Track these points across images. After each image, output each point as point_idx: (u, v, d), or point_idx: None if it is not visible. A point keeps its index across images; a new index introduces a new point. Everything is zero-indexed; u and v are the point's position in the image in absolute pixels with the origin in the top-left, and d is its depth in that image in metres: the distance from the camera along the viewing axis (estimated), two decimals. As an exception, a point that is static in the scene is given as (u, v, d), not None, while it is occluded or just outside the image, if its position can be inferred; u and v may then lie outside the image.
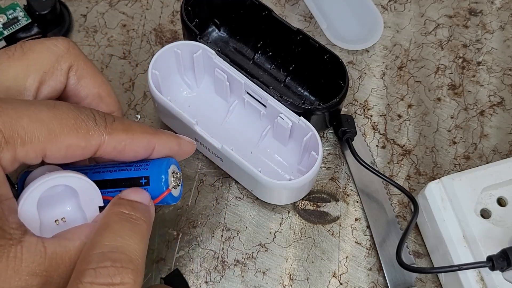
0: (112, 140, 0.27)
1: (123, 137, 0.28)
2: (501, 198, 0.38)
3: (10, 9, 0.44)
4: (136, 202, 0.28)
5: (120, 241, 0.26)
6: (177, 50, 0.40)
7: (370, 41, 0.46)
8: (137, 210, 0.28)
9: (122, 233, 0.26)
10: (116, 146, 0.28)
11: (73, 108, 0.27)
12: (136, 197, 0.28)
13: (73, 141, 0.26)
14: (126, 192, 0.28)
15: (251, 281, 0.38)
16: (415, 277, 0.38)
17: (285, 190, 0.37)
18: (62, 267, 0.25)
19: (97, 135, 0.27)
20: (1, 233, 0.23)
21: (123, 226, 0.27)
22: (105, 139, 0.27)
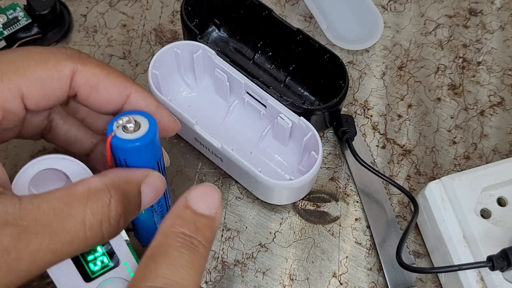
0: (86, 71, 0.27)
1: (97, 71, 0.27)
2: (501, 198, 0.38)
3: (10, 9, 0.44)
4: (202, 217, 0.26)
5: (176, 276, 0.24)
6: (177, 50, 0.40)
7: (370, 41, 0.46)
8: (200, 232, 0.25)
9: (179, 264, 0.24)
10: (90, 79, 0.27)
11: (39, 47, 0.27)
12: (204, 207, 0.26)
13: (44, 73, 0.26)
14: (194, 197, 0.26)
15: (251, 281, 0.38)
16: (415, 277, 0.38)
17: (285, 190, 0.37)
18: (41, 215, 0.23)
19: (69, 64, 0.26)
20: None
21: (181, 256, 0.24)
22: (77, 67, 0.27)
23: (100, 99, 0.28)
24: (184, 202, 0.26)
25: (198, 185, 0.27)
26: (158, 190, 0.28)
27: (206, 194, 0.26)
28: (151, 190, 0.27)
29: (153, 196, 0.28)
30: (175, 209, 0.26)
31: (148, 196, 0.27)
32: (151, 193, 0.27)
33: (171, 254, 0.24)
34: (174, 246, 0.25)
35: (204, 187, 0.27)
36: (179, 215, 0.26)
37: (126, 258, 0.28)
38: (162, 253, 0.24)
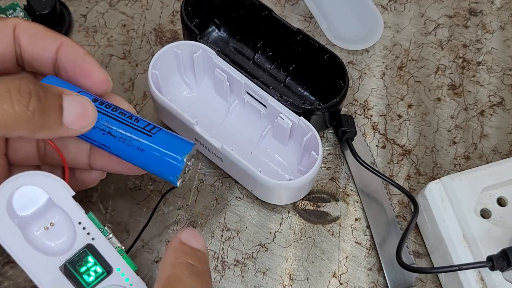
0: (26, 24, 0.32)
1: (35, 24, 0.32)
2: (501, 198, 0.38)
3: (10, 9, 0.44)
4: (199, 251, 0.28)
5: None
6: (177, 50, 0.40)
7: (370, 41, 0.46)
8: (202, 262, 0.28)
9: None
10: (30, 29, 0.32)
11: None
12: (198, 244, 0.29)
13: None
14: (186, 237, 0.29)
15: (251, 281, 0.38)
16: (415, 277, 0.38)
17: (285, 190, 0.37)
18: None
19: (13, 19, 0.32)
20: None
21: (195, 282, 0.27)
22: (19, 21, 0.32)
23: (38, 47, 0.32)
24: (179, 240, 0.29)
25: (184, 229, 0.29)
26: (82, 112, 0.29)
27: (195, 235, 0.29)
28: (74, 109, 0.29)
29: (77, 116, 0.29)
30: (173, 246, 0.28)
31: (70, 114, 0.28)
32: (75, 112, 0.29)
33: (187, 281, 0.27)
34: (185, 274, 0.27)
35: (191, 230, 0.29)
36: (179, 249, 0.28)
37: (119, 265, 0.28)
38: (177, 281, 0.27)
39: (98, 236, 0.28)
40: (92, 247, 0.28)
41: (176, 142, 0.31)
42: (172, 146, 0.30)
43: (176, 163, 0.30)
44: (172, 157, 0.30)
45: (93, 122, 0.29)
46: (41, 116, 0.27)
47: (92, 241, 0.28)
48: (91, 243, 0.28)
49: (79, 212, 0.28)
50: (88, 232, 0.28)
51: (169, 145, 0.30)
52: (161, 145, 0.30)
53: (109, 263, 0.28)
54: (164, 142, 0.30)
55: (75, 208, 0.28)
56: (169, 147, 0.30)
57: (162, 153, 0.30)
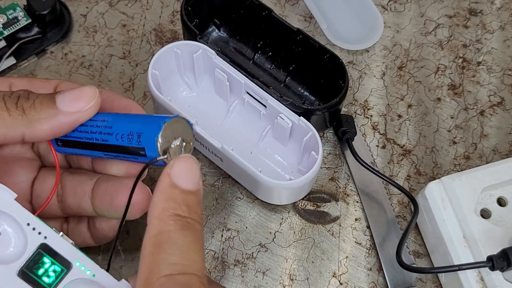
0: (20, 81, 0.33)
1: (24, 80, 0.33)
2: (501, 198, 0.38)
3: (10, 9, 0.44)
4: (190, 194, 0.26)
5: (188, 259, 0.25)
6: (177, 50, 0.40)
7: (370, 41, 0.46)
8: (192, 210, 0.26)
9: (187, 247, 0.25)
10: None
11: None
12: (190, 182, 0.26)
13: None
14: (178, 173, 0.26)
15: (251, 281, 0.38)
16: (415, 277, 0.38)
17: (285, 190, 0.37)
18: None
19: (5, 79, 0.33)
20: None
21: (186, 238, 0.25)
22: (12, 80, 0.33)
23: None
24: (169, 180, 0.26)
25: (178, 159, 0.27)
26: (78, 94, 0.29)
27: (188, 168, 0.27)
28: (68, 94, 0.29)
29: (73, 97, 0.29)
30: (161, 189, 0.26)
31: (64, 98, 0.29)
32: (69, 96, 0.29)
33: (176, 239, 0.25)
34: (175, 230, 0.25)
35: (185, 161, 0.27)
36: (168, 197, 0.26)
37: (77, 258, 0.27)
38: (167, 241, 0.25)
39: (50, 234, 0.27)
40: (46, 246, 0.27)
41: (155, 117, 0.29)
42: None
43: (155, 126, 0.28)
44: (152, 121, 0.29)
45: (92, 98, 0.29)
46: (32, 109, 0.28)
47: (45, 240, 0.27)
48: (45, 242, 0.27)
49: (26, 213, 0.27)
50: (39, 231, 0.27)
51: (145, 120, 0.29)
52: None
53: (67, 259, 0.27)
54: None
55: (20, 210, 0.27)
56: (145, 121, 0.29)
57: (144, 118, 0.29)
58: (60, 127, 0.29)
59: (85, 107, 0.29)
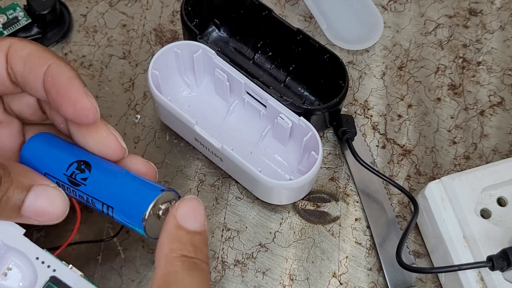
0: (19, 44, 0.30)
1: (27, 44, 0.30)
2: (501, 198, 0.38)
3: (10, 9, 0.44)
4: (196, 235, 0.27)
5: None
6: (177, 50, 0.40)
7: (370, 41, 0.46)
8: (199, 249, 0.27)
9: (192, 286, 0.25)
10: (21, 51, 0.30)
11: None
12: (196, 224, 0.27)
13: None
14: (183, 215, 0.27)
15: (251, 281, 0.38)
16: (415, 277, 0.38)
17: (285, 190, 0.37)
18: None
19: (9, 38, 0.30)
20: None
21: (193, 278, 0.26)
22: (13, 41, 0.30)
23: (26, 69, 0.30)
24: (175, 222, 0.27)
25: (183, 200, 0.27)
26: (45, 209, 0.28)
27: (193, 209, 0.27)
28: (38, 203, 0.28)
29: (38, 212, 0.28)
30: (168, 229, 0.27)
31: (31, 208, 0.27)
32: (37, 207, 0.28)
33: (183, 280, 0.25)
34: (181, 271, 0.26)
35: (190, 202, 0.27)
36: (175, 237, 0.27)
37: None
38: (174, 281, 0.25)
39: (59, 266, 0.28)
40: (56, 279, 0.27)
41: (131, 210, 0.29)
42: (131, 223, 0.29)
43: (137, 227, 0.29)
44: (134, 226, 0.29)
45: (60, 217, 0.28)
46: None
47: (54, 273, 0.27)
48: (54, 275, 0.27)
49: (34, 248, 0.28)
50: (48, 265, 0.28)
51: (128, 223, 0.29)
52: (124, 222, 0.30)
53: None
54: (123, 222, 0.30)
55: (29, 245, 0.28)
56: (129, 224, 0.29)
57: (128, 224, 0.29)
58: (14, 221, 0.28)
59: (51, 222, 0.28)
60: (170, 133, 0.43)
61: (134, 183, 0.29)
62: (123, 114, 0.43)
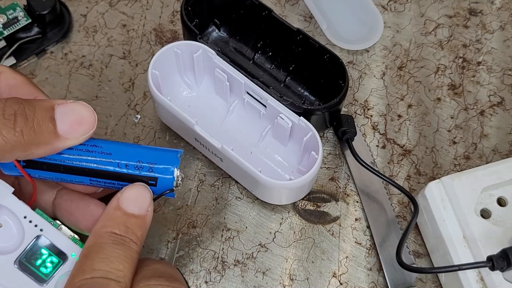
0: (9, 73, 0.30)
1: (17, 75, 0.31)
2: (501, 198, 0.38)
3: (10, 9, 0.44)
4: (132, 217, 0.28)
5: (111, 267, 0.26)
6: (177, 50, 0.40)
7: (370, 41, 0.46)
8: (130, 230, 0.27)
9: (113, 257, 0.26)
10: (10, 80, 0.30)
11: None
12: (135, 208, 0.28)
13: None
14: (125, 199, 0.28)
15: (251, 281, 0.38)
16: (415, 277, 0.38)
17: (285, 190, 0.37)
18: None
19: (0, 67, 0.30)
20: None
21: (114, 251, 0.27)
22: (5, 69, 0.30)
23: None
24: (116, 203, 0.28)
25: (130, 185, 0.28)
26: (79, 119, 0.28)
27: (137, 195, 0.28)
28: (69, 117, 0.28)
29: (73, 123, 0.28)
30: (107, 210, 0.28)
31: (65, 123, 0.27)
32: (70, 120, 0.28)
33: (105, 250, 0.27)
34: (106, 243, 0.27)
35: (135, 187, 0.28)
36: (110, 217, 0.28)
37: (73, 250, 0.28)
38: (96, 250, 0.27)
39: (46, 226, 0.28)
40: (42, 238, 0.28)
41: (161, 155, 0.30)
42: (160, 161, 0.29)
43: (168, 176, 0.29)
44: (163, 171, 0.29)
45: (93, 126, 0.28)
46: (32, 133, 0.26)
47: (41, 232, 0.28)
48: (40, 234, 0.28)
49: (23, 207, 0.28)
50: (35, 224, 0.28)
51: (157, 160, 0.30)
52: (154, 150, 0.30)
53: (62, 250, 0.28)
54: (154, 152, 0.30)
55: (18, 204, 0.28)
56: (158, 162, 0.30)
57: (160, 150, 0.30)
58: (55, 151, 0.28)
59: (86, 133, 0.28)
60: (170, 133, 0.43)
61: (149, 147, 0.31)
62: (123, 114, 0.43)
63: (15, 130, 0.26)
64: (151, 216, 0.28)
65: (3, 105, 0.26)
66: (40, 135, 0.27)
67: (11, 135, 0.26)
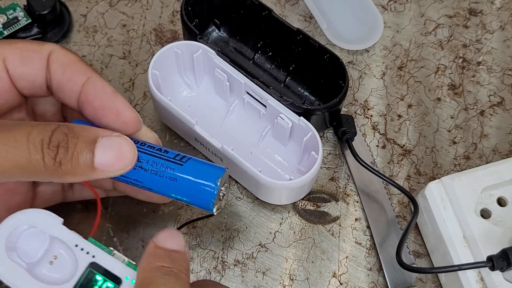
0: (60, 51, 0.31)
1: (69, 54, 0.31)
2: (501, 198, 0.38)
3: (10, 9, 0.44)
4: (174, 252, 0.28)
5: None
6: (177, 50, 0.40)
7: (370, 41, 0.46)
8: (176, 262, 0.27)
9: (169, 285, 0.26)
10: (62, 58, 0.31)
11: None
12: (173, 244, 0.28)
13: (26, 45, 0.31)
14: (161, 239, 0.28)
15: (251, 281, 0.38)
16: (415, 277, 0.38)
17: (285, 190, 0.37)
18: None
19: (50, 45, 0.31)
20: None
21: (168, 281, 0.26)
22: (55, 48, 0.31)
23: (65, 77, 0.31)
24: (154, 244, 0.28)
25: (163, 229, 0.29)
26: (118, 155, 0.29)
27: (172, 236, 0.28)
28: (109, 152, 0.28)
29: (112, 159, 0.28)
30: (147, 252, 0.28)
31: (104, 157, 0.28)
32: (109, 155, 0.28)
33: (157, 281, 0.26)
34: (158, 276, 0.27)
35: (167, 231, 0.29)
36: (152, 254, 0.28)
37: (126, 273, 0.28)
38: (148, 283, 0.26)
39: (99, 253, 0.28)
40: (96, 265, 0.28)
41: (207, 168, 0.31)
42: (204, 173, 0.31)
43: (209, 189, 0.30)
44: (204, 184, 0.30)
45: (131, 163, 0.29)
46: (69, 165, 0.27)
47: (94, 259, 0.28)
48: (94, 261, 0.28)
49: (74, 235, 0.28)
50: (87, 251, 0.28)
51: (201, 172, 0.31)
52: (193, 173, 0.30)
53: (116, 275, 0.28)
54: (195, 169, 0.31)
55: (69, 233, 0.28)
56: (201, 174, 0.30)
57: (194, 181, 0.30)
58: (91, 180, 0.29)
59: (123, 169, 0.29)
60: (170, 133, 0.43)
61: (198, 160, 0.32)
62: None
63: (55, 160, 0.27)
64: (189, 256, 0.29)
65: (50, 135, 0.27)
66: (77, 167, 0.28)
67: (51, 164, 0.27)
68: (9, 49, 0.31)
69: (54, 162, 0.27)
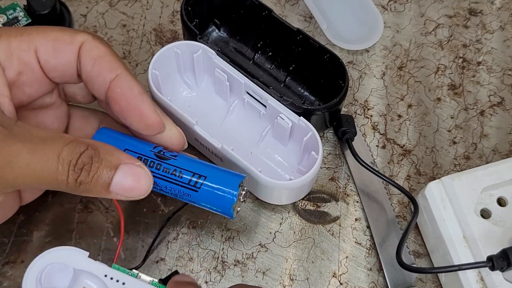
0: (92, 43, 0.31)
1: (101, 46, 0.32)
2: (501, 198, 0.38)
3: (10, 9, 0.44)
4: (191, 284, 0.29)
5: None
6: (177, 50, 0.40)
7: (370, 41, 0.46)
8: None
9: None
10: (93, 51, 0.31)
11: None
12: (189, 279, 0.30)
13: (58, 34, 0.31)
14: (178, 277, 0.30)
15: (251, 281, 0.38)
16: (415, 277, 0.38)
17: (285, 190, 0.37)
18: None
19: (83, 34, 0.31)
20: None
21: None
22: (88, 38, 0.31)
23: (94, 71, 0.31)
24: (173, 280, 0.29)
25: (174, 277, 0.30)
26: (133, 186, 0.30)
27: (187, 276, 0.30)
28: (126, 181, 0.30)
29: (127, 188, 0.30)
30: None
31: (120, 184, 0.30)
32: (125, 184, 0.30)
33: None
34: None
35: (181, 276, 0.30)
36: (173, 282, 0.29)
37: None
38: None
39: (126, 279, 0.29)
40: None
41: (221, 196, 0.33)
42: (218, 200, 0.33)
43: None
44: (219, 210, 0.33)
45: (145, 194, 0.31)
46: (87, 186, 0.29)
47: (124, 286, 0.29)
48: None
49: (101, 266, 0.29)
50: (117, 279, 0.29)
51: (215, 199, 0.33)
52: (207, 200, 0.33)
53: None
54: (210, 195, 0.33)
55: (96, 265, 0.29)
56: (215, 201, 0.33)
57: (210, 207, 0.33)
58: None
59: (134, 198, 0.31)
60: (170, 133, 0.43)
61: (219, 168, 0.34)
62: None
63: (77, 181, 0.29)
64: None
65: (77, 157, 0.28)
66: (94, 188, 0.29)
67: (72, 183, 0.29)
68: (41, 39, 0.31)
69: (75, 182, 0.28)
